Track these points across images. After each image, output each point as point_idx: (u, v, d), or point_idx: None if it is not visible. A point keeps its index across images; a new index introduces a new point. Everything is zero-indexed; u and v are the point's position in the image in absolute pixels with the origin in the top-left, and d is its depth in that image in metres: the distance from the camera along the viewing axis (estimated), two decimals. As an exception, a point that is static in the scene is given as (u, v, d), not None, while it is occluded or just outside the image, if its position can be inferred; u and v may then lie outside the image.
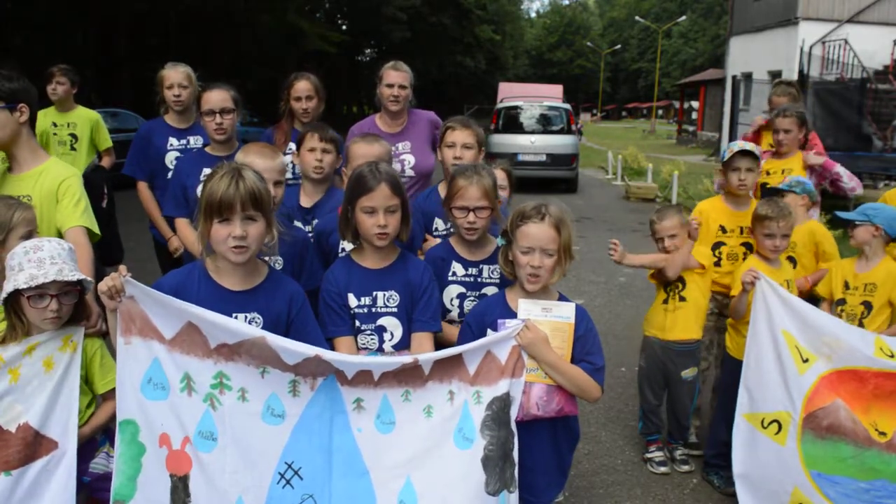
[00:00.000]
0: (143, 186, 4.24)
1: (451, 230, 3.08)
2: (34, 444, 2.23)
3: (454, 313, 2.79)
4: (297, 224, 3.21)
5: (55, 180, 2.79)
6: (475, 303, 2.77)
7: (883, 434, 2.89)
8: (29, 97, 2.78)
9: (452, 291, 2.77)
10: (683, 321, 3.70)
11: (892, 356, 2.89)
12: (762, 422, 3.01)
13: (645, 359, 3.84)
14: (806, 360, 2.96)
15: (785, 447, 2.95)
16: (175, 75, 4.20)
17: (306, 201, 3.27)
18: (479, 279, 2.78)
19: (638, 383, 3.93)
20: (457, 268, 2.77)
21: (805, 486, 2.91)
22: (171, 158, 4.13)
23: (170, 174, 4.01)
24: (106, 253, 5.09)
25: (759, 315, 3.06)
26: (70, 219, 2.77)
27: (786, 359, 2.97)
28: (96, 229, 2.84)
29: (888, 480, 2.86)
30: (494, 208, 2.70)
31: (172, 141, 4.20)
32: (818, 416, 2.92)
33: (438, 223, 3.17)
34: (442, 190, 3.26)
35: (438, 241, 3.07)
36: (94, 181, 5.15)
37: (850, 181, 4.38)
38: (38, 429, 2.24)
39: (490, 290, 2.78)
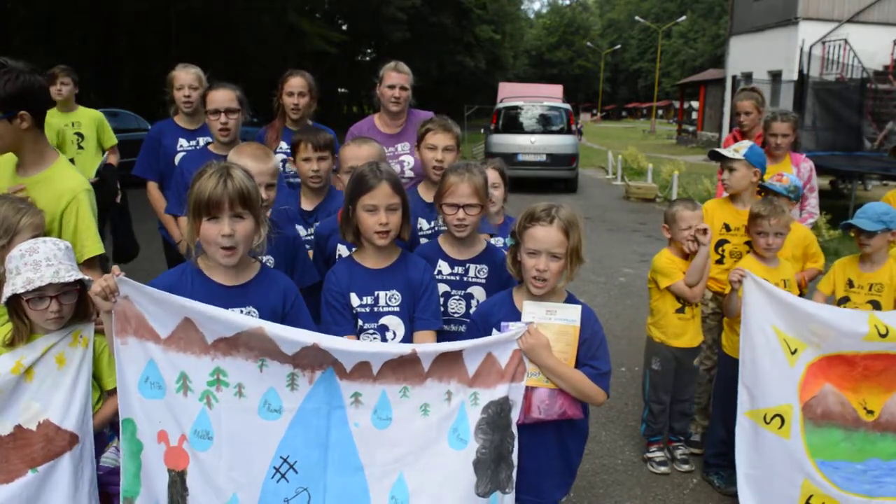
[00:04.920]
0: (152, 187, 4.24)
1: (436, 229, 3.08)
2: (56, 440, 2.25)
3: None
4: (299, 228, 3.22)
5: (59, 198, 2.60)
6: (460, 302, 2.78)
7: (871, 413, 2.96)
8: (32, 98, 2.54)
9: (438, 290, 2.76)
10: (697, 326, 3.78)
11: (885, 335, 2.92)
12: (764, 417, 3.01)
13: (660, 364, 3.81)
14: (794, 352, 2.98)
15: (790, 440, 2.96)
16: (185, 76, 4.21)
17: (307, 205, 3.29)
18: (464, 278, 2.78)
19: (649, 387, 3.89)
20: (442, 266, 2.77)
21: (813, 477, 2.93)
22: (180, 159, 4.13)
23: None
24: (122, 250, 5.09)
25: (749, 312, 3.07)
26: (88, 247, 2.63)
27: (778, 354, 2.99)
28: (102, 250, 2.73)
29: (880, 459, 2.93)
30: (484, 206, 2.71)
31: (182, 142, 4.20)
32: (812, 405, 2.96)
33: (422, 223, 3.17)
34: (422, 190, 3.27)
35: (423, 240, 3.07)
36: (109, 179, 5.16)
37: (807, 209, 4.42)
38: (59, 424, 2.26)
39: (476, 290, 2.78)
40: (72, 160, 4.47)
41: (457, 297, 2.79)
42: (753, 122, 4.67)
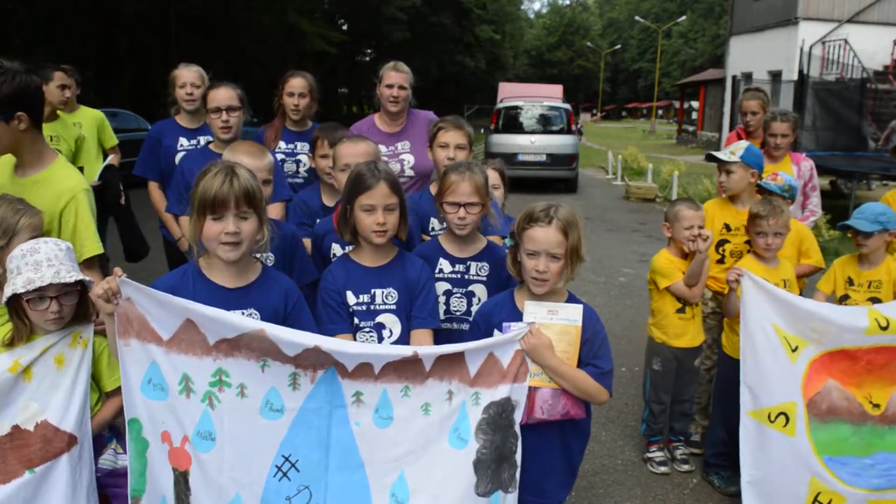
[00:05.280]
0: (153, 187, 4.24)
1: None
2: (54, 440, 2.25)
3: (440, 310, 2.77)
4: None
5: (59, 198, 2.58)
6: (462, 300, 2.78)
7: (877, 406, 2.95)
8: (29, 99, 2.52)
9: (439, 288, 2.76)
10: (698, 325, 3.78)
11: (885, 328, 2.91)
12: (769, 416, 2.98)
13: (661, 364, 3.80)
14: (795, 349, 2.97)
15: (795, 437, 2.94)
16: (188, 74, 4.22)
17: (328, 200, 3.34)
18: (466, 276, 2.78)
19: (649, 387, 3.89)
20: (444, 265, 2.77)
21: (821, 474, 2.92)
22: (180, 158, 4.12)
23: None
24: (132, 251, 5.08)
25: (748, 311, 3.06)
26: (87, 247, 2.61)
27: (779, 352, 2.98)
28: (101, 250, 2.72)
29: (888, 452, 2.93)
30: (485, 205, 2.71)
31: (182, 141, 4.21)
32: (816, 402, 2.95)
33: (434, 223, 3.17)
34: (434, 190, 3.27)
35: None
36: (111, 181, 5.15)
37: (809, 208, 4.40)
38: (57, 425, 2.25)
39: (477, 288, 2.79)
40: (81, 168, 4.47)
41: (458, 296, 2.79)
42: (759, 123, 4.65)
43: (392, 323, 2.56)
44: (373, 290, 2.55)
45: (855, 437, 2.93)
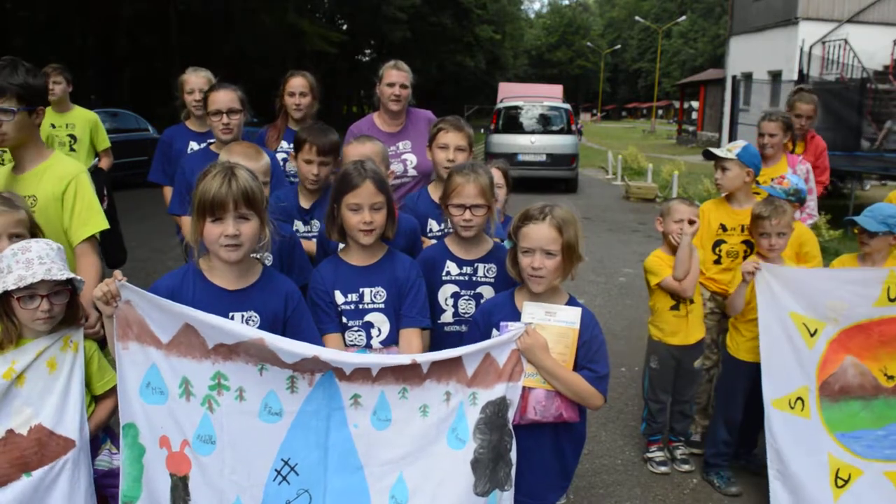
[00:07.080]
0: (168, 191, 4.25)
1: (446, 231, 3.06)
2: (49, 444, 2.24)
3: (449, 313, 2.78)
4: (298, 223, 3.22)
5: (60, 181, 2.68)
6: (470, 302, 2.77)
7: (891, 378, 3.10)
8: (46, 97, 2.70)
9: (447, 291, 2.76)
10: (696, 323, 3.76)
11: (894, 300, 3.03)
12: (789, 402, 3.12)
13: (658, 362, 3.80)
14: (814, 333, 3.10)
15: (811, 419, 3.09)
16: (196, 80, 4.25)
17: (304, 202, 3.29)
18: (473, 278, 2.77)
19: (647, 386, 3.90)
20: (451, 267, 2.76)
21: (836, 450, 3.07)
22: (183, 159, 4.14)
23: None
24: (110, 256, 5.09)
25: (765, 304, 3.14)
26: (90, 224, 2.68)
27: (796, 339, 3.11)
28: (107, 225, 2.79)
29: None
30: (491, 206, 2.70)
31: (192, 144, 4.23)
32: (830, 383, 3.10)
33: (432, 224, 3.16)
34: (432, 191, 3.26)
35: (434, 242, 3.06)
36: (95, 184, 5.14)
37: (806, 212, 4.36)
38: (51, 429, 2.24)
39: (485, 289, 2.78)
40: None
41: (466, 297, 2.78)
42: (808, 126, 4.63)
43: (381, 322, 2.56)
44: (361, 289, 2.55)
45: (865, 411, 3.07)
